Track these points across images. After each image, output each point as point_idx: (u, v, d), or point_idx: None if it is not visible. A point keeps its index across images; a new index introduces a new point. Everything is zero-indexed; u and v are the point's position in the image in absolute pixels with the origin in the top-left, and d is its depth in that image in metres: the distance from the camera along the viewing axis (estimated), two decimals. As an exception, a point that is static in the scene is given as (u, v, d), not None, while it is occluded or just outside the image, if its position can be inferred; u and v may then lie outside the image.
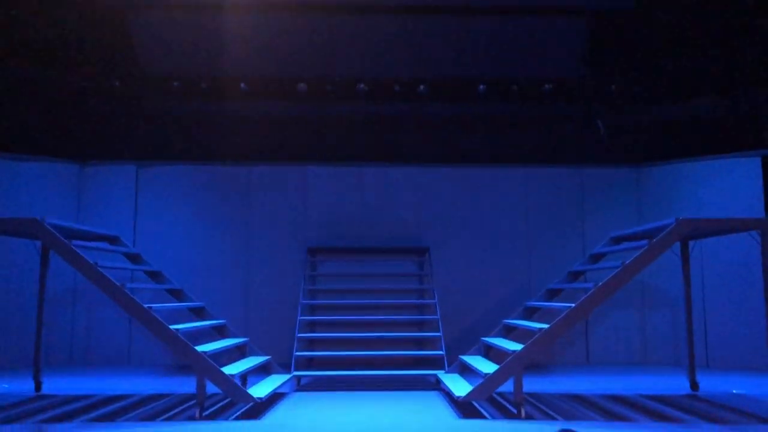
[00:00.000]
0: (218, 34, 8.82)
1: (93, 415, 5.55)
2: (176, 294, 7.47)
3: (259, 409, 5.78)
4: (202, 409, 5.45)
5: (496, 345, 6.41)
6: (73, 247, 5.83)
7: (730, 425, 5.14)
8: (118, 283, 5.76)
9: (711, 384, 7.04)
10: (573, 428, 3.53)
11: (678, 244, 6.71)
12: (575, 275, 7.61)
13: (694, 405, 5.97)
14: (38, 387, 6.62)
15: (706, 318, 8.55)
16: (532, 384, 6.90)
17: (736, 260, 8.38)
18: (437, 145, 9.89)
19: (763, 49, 8.68)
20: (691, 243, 6.98)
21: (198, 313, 7.32)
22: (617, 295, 6.37)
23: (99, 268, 5.78)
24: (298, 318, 8.04)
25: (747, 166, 8.68)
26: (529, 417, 5.43)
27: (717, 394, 6.50)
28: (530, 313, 7.36)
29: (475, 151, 9.82)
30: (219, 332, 7.15)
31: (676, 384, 7.09)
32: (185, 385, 6.83)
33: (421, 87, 9.32)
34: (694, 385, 6.71)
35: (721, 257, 8.46)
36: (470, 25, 8.97)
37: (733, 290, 8.46)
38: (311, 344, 8.55)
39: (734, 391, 6.69)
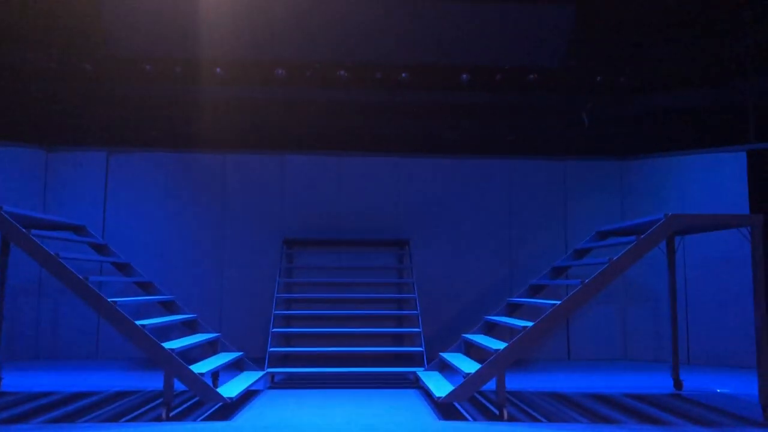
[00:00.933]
0: (193, 15, 8.44)
1: (53, 414, 5.26)
2: (145, 287, 7.15)
3: (230, 408, 5.53)
4: (169, 410, 5.18)
5: (478, 342, 6.20)
6: (32, 237, 5.50)
7: (716, 427, 4.99)
8: (81, 276, 5.45)
9: (694, 382, 6.94)
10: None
11: (663, 239, 6.54)
12: (559, 270, 7.42)
13: (679, 405, 5.83)
14: (-3, 383, 6.30)
15: (687, 313, 8.44)
16: (513, 381, 6.75)
17: (718, 256, 8.27)
18: (419, 135, 9.65)
19: (750, 41, 8.55)
20: (677, 239, 6.83)
21: (168, 307, 7.01)
22: (600, 290, 6.20)
23: (60, 260, 5.45)
24: (273, 312, 7.78)
25: (732, 160, 8.55)
26: (512, 418, 5.24)
27: (701, 394, 6.37)
28: (512, 310, 7.15)
29: (457, 142, 9.61)
30: (189, 327, 6.85)
31: (659, 382, 6.98)
32: (154, 381, 6.56)
33: (403, 75, 9.06)
34: (677, 384, 6.58)
35: (703, 252, 8.34)
36: (454, 12, 8.70)
37: (715, 286, 8.36)
38: (287, 339, 8.31)
39: (718, 390, 6.57)
